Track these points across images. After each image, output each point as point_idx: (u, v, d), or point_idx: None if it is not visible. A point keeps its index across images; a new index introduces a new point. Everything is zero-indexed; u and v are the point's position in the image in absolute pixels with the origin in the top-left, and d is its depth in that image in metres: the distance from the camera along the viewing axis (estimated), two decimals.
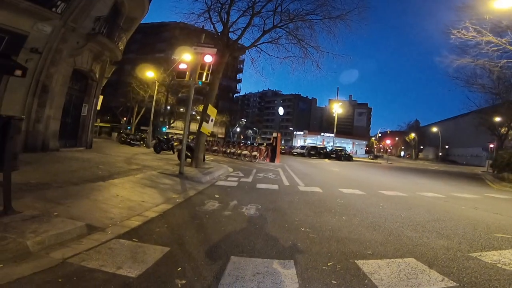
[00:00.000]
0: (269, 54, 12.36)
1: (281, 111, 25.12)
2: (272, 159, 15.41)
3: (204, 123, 8.72)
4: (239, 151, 16.35)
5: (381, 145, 78.84)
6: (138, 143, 20.45)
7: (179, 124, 63.09)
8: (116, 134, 33.29)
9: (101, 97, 21.53)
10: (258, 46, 11.78)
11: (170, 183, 6.27)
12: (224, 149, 18.38)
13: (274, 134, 16.10)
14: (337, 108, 53.95)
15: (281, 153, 20.04)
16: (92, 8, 8.89)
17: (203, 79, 7.34)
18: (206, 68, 7.49)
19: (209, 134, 9.56)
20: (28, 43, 7.51)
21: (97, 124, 35.90)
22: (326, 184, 8.27)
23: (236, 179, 7.88)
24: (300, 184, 7.84)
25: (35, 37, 7.63)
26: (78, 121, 11.93)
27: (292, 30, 11.13)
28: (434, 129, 69.82)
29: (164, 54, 41.36)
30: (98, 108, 21.53)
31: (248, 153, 15.59)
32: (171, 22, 27.94)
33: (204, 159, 11.23)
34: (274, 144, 15.73)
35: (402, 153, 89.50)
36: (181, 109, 61.37)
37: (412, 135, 76.29)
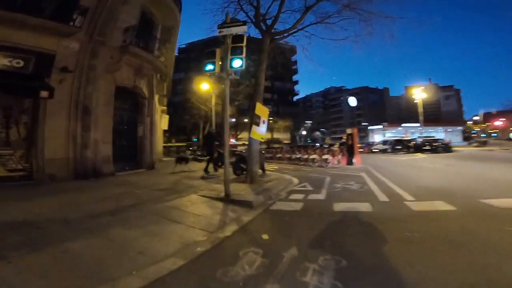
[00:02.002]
0: (322, 38, 9.80)
1: (352, 101, 20.37)
2: (350, 161, 12.36)
3: (254, 126, 6.74)
4: (306, 156, 13.84)
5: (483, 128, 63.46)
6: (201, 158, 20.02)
7: (245, 135, 64.23)
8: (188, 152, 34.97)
9: (166, 116, 22.22)
10: (305, 29, 9.40)
11: (206, 213, 4.40)
12: (288, 155, 16.14)
13: (349, 130, 13.00)
14: (419, 93, 45.82)
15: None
16: (118, 19, 8.17)
17: (236, 65, 5.38)
18: (243, 51, 5.52)
19: (262, 140, 7.52)
20: (57, 63, 7.00)
21: (172, 145, 38.66)
22: (450, 192, 5.11)
23: (301, 196, 5.53)
24: (407, 196, 4.93)
25: (63, 55, 7.12)
26: (135, 142, 11.58)
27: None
28: None
29: None
30: (165, 127, 22.40)
31: (318, 157, 12.93)
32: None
33: (264, 171, 9.36)
34: (350, 142, 12.68)
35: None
36: (245, 120, 62.64)
37: None
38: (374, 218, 3.64)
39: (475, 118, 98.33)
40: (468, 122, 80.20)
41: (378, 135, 70.32)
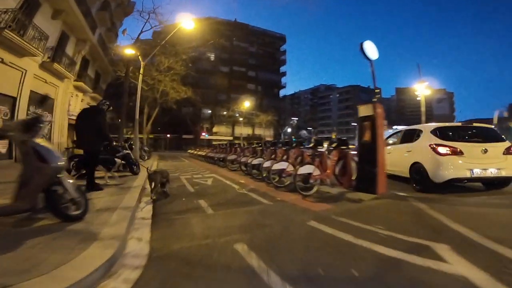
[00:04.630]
0: None
1: (371, 49, 8.82)
2: (369, 184, 5.14)
3: None
4: (268, 164, 6.70)
5: None
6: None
7: (221, 129, 56.32)
8: None
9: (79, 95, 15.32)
10: None
11: None
12: (245, 160, 8.95)
13: (364, 109, 5.46)
14: (423, 89, 39.13)
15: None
16: None
17: None
18: None
19: None
20: None
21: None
22: None
23: None
24: None
25: None
26: None
27: None
28: None
29: None
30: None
31: (292, 168, 5.87)
32: None
33: None
34: (367, 137, 5.23)
35: None
36: (224, 112, 54.71)
37: None
38: None
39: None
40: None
41: None
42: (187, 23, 14.21)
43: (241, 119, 48.81)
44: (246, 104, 47.67)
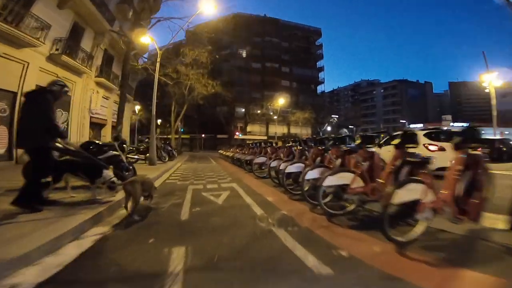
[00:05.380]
0: None
1: None
2: None
3: None
4: (314, 174, 3.99)
5: None
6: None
7: (255, 128, 54.10)
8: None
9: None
10: None
11: None
12: (276, 164, 6.27)
13: None
14: (493, 78, 31.60)
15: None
16: None
17: None
18: None
19: None
20: None
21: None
22: None
23: None
24: None
25: None
26: None
27: None
28: None
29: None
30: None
31: (361, 184, 3.14)
32: None
33: None
34: None
35: None
36: (258, 111, 52.50)
37: None
38: None
39: None
40: None
41: None
42: (208, 8, 12.29)
43: (275, 117, 46.14)
44: (281, 101, 44.85)
